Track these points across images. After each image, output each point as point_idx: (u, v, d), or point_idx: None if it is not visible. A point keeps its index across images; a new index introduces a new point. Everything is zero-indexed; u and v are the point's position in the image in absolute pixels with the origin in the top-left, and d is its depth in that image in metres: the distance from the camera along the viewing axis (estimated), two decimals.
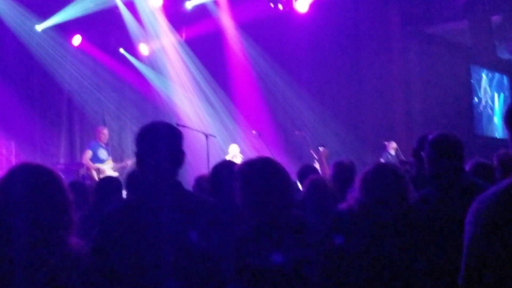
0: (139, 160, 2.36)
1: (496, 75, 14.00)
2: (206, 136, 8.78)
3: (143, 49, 12.19)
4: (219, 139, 11.05)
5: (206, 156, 8.50)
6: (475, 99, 13.37)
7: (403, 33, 11.79)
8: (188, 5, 11.24)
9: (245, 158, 3.66)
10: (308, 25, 11.27)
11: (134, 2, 11.12)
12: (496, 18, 10.44)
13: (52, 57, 10.95)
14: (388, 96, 11.76)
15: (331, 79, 12.34)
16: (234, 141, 11.04)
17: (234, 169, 2.74)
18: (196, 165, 8.23)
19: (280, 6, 10.61)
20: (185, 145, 2.40)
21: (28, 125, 10.62)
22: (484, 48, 10.61)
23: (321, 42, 12.01)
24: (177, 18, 11.61)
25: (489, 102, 13.78)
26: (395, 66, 11.84)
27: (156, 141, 2.34)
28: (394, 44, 11.85)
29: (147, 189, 2.34)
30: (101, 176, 8.22)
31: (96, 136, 9.53)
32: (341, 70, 12.20)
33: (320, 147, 7.50)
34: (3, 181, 2.03)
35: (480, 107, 13.55)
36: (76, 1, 10.38)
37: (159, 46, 12.15)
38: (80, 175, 9.15)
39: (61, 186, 2.07)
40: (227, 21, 11.75)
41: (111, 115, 11.98)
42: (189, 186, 4.23)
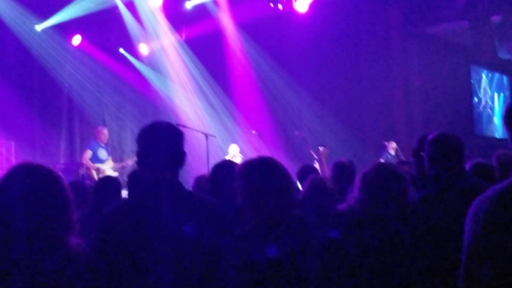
0: (140, 160, 2.36)
1: (496, 75, 14.00)
2: (206, 136, 8.79)
3: (143, 49, 12.19)
4: (219, 139, 11.05)
5: (206, 156, 8.51)
6: (475, 99, 13.37)
7: (403, 33, 11.78)
8: (188, 5, 11.25)
9: (245, 158, 3.66)
10: (308, 25, 11.26)
11: (134, 2, 11.12)
12: (496, 18, 10.43)
13: (52, 57, 10.93)
14: (388, 96, 11.76)
15: (331, 79, 12.32)
16: (234, 141, 11.04)
17: (234, 169, 2.74)
18: (196, 165, 8.22)
19: (280, 6, 10.60)
20: (185, 145, 2.40)
21: (28, 125, 10.59)
22: (484, 48, 10.60)
23: (321, 42, 12.00)
24: (177, 18, 11.60)
25: (489, 102, 13.78)
26: (395, 66, 11.84)
27: (157, 141, 2.33)
28: (394, 44, 11.85)
29: (147, 189, 2.33)
30: (101, 176, 8.22)
31: (96, 136, 9.53)
32: (341, 70, 12.19)
33: (320, 147, 7.47)
34: (3, 181, 2.03)
35: (480, 107, 13.55)
36: (76, 1, 10.37)
37: (159, 46, 12.14)
38: (80, 175, 9.13)
39: (61, 186, 2.07)
40: (227, 21, 11.75)
41: (111, 115, 11.97)
42: (189, 186, 4.22)
